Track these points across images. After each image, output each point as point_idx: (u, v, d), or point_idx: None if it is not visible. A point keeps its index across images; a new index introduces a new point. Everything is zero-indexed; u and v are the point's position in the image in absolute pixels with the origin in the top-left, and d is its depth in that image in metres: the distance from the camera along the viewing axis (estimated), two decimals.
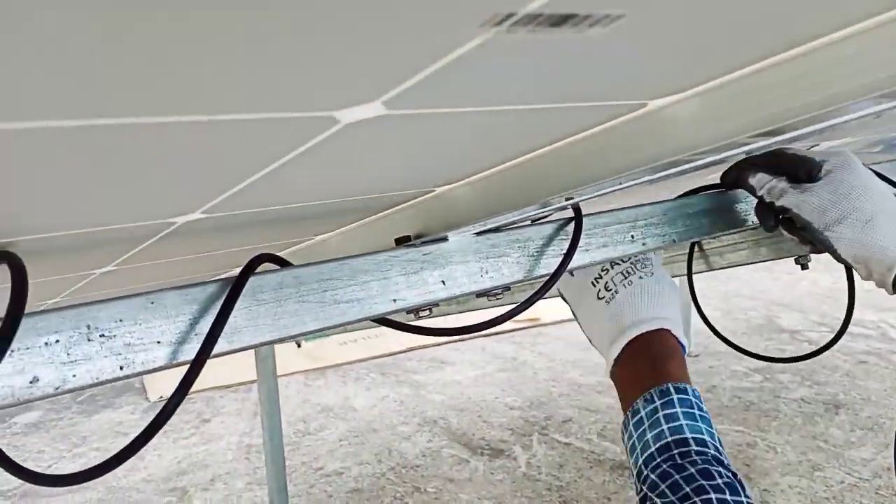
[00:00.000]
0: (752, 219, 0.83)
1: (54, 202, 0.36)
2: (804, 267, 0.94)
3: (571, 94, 0.34)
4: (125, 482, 2.65)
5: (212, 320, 0.46)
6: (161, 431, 2.08)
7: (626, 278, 0.79)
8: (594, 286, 0.80)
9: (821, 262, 0.73)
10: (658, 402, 0.74)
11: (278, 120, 0.27)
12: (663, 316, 0.79)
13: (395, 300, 0.55)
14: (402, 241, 0.60)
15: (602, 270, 0.81)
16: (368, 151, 0.34)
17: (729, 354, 3.73)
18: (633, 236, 0.73)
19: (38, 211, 0.37)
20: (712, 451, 0.70)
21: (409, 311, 0.58)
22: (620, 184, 0.49)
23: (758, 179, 0.77)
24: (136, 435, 0.47)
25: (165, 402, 0.44)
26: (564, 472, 2.59)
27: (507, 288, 0.63)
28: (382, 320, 0.58)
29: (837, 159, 0.74)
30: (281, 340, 0.50)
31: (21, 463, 0.44)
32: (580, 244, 0.66)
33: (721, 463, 0.69)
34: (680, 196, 0.80)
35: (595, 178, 0.46)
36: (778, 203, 0.75)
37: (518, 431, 2.95)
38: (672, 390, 0.75)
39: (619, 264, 0.80)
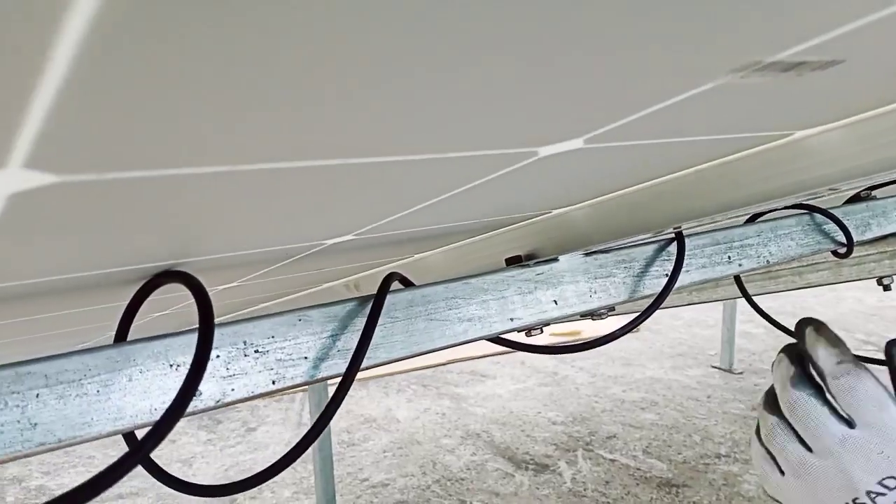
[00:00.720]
0: (840, 238, 0.83)
1: (229, 229, 0.38)
2: (886, 288, 0.93)
3: (733, 126, 0.35)
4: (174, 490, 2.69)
5: (352, 337, 0.47)
6: (207, 439, 2.12)
7: None
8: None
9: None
10: None
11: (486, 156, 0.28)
12: None
13: (511, 319, 0.56)
14: (512, 262, 0.61)
15: None
16: (540, 178, 0.36)
17: None
18: (729, 257, 0.73)
19: (211, 237, 0.39)
20: None
21: (521, 330, 0.60)
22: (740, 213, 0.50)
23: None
24: (296, 443, 0.48)
25: (319, 416, 0.46)
26: (611, 488, 2.58)
27: (611, 308, 0.64)
28: (499, 339, 0.59)
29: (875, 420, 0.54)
30: (412, 356, 0.52)
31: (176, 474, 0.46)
32: (682, 265, 0.66)
33: None
34: (767, 214, 0.81)
35: (725, 207, 0.47)
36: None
37: (562, 447, 2.94)
38: None
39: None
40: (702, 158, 0.44)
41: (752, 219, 0.78)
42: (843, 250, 0.88)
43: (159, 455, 2.86)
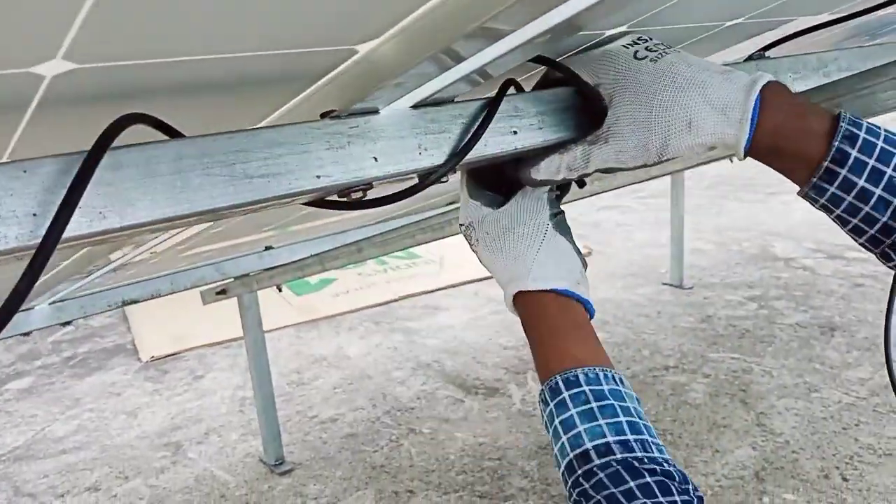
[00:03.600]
0: None
1: None
2: None
3: None
4: (119, 440, 2.64)
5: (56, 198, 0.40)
6: (154, 389, 2.07)
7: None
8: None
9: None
10: (552, 405, 0.61)
11: None
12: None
13: (318, 176, 0.50)
14: (326, 116, 0.54)
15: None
16: None
17: (724, 285, 3.70)
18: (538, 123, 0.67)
19: None
20: (619, 455, 0.56)
21: (339, 192, 0.53)
22: None
23: (544, 168, 0.64)
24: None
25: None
26: None
27: (451, 169, 0.58)
28: (313, 202, 0.52)
29: (606, 73, 0.61)
30: (187, 217, 0.45)
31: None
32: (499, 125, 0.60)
33: (637, 461, 0.55)
34: None
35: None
36: (590, 171, 0.64)
37: (512, 370, 2.93)
38: (562, 386, 0.61)
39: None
40: None
41: None
42: None
43: (103, 408, 2.80)
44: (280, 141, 0.48)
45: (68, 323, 1.66)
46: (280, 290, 2.12)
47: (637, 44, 0.63)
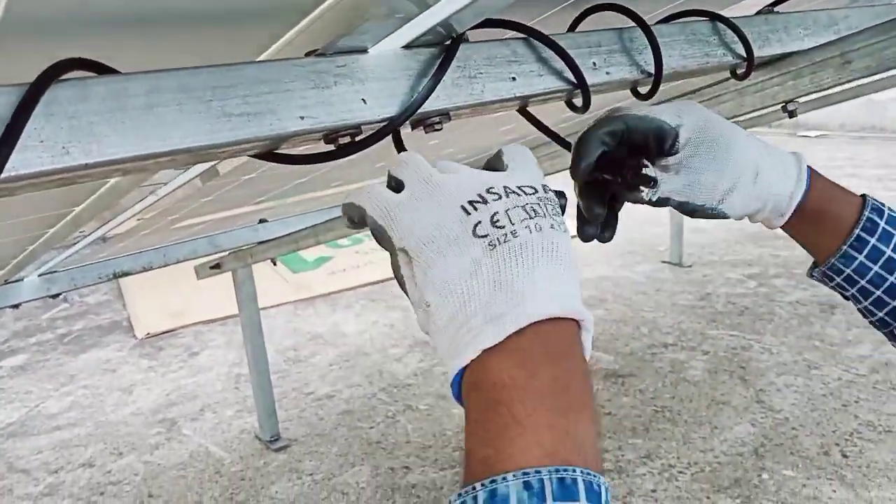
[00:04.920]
0: (739, 50, 0.74)
1: None
2: (792, 114, 0.85)
3: None
4: (113, 417, 2.62)
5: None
6: (149, 366, 2.05)
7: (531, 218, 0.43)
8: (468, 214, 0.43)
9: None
10: None
11: None
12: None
13: (302, 117, 0.46)
14: (311, 55, 0.51)
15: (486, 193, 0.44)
16: None
17: (723, 263, 3.68)
18: (594, 63, 0.63)
19: None
20: None
21: (326, 136, 0.49)
22: None
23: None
24: None
25: None
26: None
27: (445, 114, 0.55)
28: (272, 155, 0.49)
29: (690, 116, 0.62)
30: (160, 156, 0.41)
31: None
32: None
33: None
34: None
35: None
36: (656, 197, 0.63)
37: None
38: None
39: (517, 193, 0.44)
40: None
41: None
42: (742, 69, 0.78)
43: (97, 385, 2.78)
44: (262, 78, 0.45)
45: (58, 295, 1.63)
46: (275, 264, 2.08)
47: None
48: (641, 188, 0.65)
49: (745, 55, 0.76)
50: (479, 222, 0.42)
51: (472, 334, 0.40)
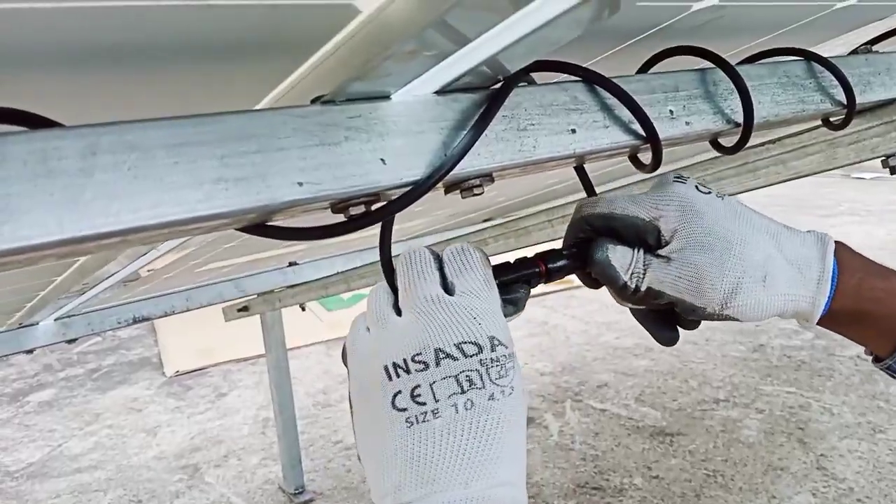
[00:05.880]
0: (839, 96, 0.62)
1: None
2: (893, 171, 0.72)
3: None
4: (136, 460, 2.53)
5: None
6: (175, 406, 1.94)
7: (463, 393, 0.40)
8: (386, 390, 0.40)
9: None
10: None
11: None
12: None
13: (301, 183, 0.36)
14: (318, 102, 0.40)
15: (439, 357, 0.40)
16: None
17: None
18: (671, 111, 0.52)
19: None
20: None
21: (334, 205, 0.39)
22: None
23: (619, 255, 0.50)
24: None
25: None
26: (600, 440, 2.39)
27: (487, 176, 0.43)
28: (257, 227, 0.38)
29: (670, 205, 0.50)
30: (102, 238, 0.31)
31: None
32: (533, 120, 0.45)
33: None
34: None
35: None
36: (643, 286, 0.50)
37: (549, 398, 2.75)
38: None
39: (452, 357, 0.40)
40: None
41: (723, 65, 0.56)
42: (839, 117, 0.66)
43: (122, 425, 2.70)
44: (249, 132, 0.34)
45: (74, 340, 1.55)
46: (304, 310, 2.00)
47: (685, 178, 0.52)
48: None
49: (844, 101, 0.64)
50: (399, 392, 0.40)
51: None
